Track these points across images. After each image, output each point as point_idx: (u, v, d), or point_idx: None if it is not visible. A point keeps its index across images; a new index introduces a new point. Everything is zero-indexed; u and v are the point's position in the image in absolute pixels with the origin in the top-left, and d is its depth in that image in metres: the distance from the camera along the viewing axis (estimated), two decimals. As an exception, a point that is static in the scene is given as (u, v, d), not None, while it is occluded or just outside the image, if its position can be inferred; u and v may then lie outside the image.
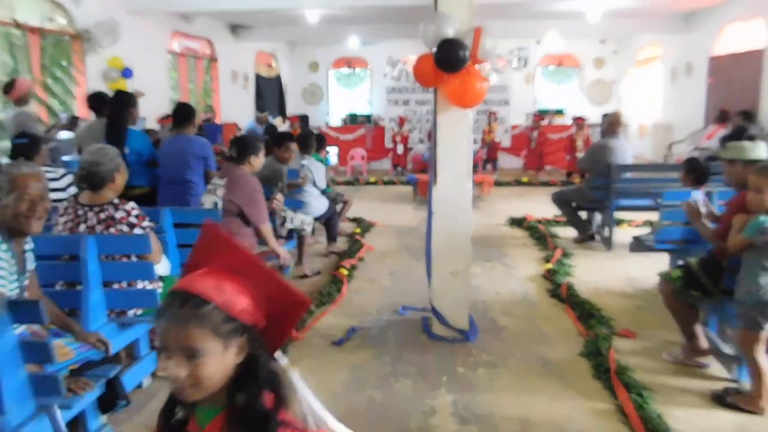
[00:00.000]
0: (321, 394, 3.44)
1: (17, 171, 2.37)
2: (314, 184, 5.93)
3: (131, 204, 3.17)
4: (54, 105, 7.75)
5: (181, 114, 5.08)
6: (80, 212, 3.12)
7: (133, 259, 3.17)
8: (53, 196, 4.05)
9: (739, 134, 3.50)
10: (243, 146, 4.25)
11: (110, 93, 8.26)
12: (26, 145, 4.21)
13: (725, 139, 3.56)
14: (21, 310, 2.20)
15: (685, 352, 3.65)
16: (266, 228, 4.24)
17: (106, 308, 3.05)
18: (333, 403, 3.21)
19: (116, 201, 3.14)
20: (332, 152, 9.89)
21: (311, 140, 6.24)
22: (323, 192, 6.10)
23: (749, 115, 8.70)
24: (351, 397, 3.30)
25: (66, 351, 2.52)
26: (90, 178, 3.07)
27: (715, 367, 3.57)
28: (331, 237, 6.30)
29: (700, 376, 3.50)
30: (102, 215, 3.09)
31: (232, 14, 11.72)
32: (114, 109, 5.01)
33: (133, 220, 3.11)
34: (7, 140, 6.39)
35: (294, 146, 5.68)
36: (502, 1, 8.06)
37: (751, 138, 3.40)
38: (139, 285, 3.16)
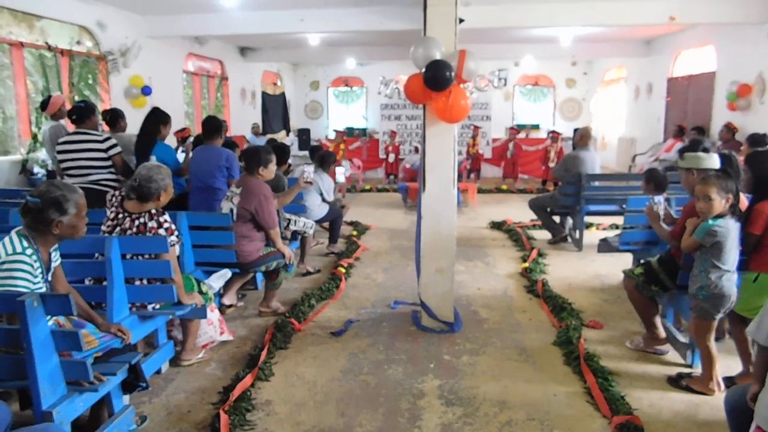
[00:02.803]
0: (322, 379, 3.48)
1: (81, 198, 2.48)
2: (321, 194, 5.97)
3: (165, 216, 3.16)
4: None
5: (210, 126, 4.95)
6: (120, 215, 3.14)
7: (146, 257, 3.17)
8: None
9: (695, 146, 3.54)
10: (248, 160, 4.22)
11: (131, 108, 8.32)
12: (82, 108, 4.78)
13: (683, 151, 3.59)
14: (53, 302, 2.21)
15: (646, 340, 3.69)
16: (275, 232, 4.22)
17: (128, 302, 3.05)
18: (332, 386, 3.24)
19: (153, 211, 3.14)
20: (339, 172, 9.81)
21: (329, 159, 6.29)
22: (324, 200, 6.11)
23: (702, 130, 8.79)
24: (348, 381, 3.32)
25: (91, 339, 2.53)
26: (140, 190, 3.09)
27: (671, 354, 3.62)
28: (333, 238, 6.31)
29: (659, 362, 3.54)
30: (137, 222, 3.11)
31: (241, 38, 11.73)
32: (148, 122, 5.02)
33: (162, 232, 3.11)
34: (43, 151, 6.40)
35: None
36: (484, 26, 8.10)
37: (705, 150, 3.44)
38: (158, 281, 3.16)
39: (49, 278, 2.52)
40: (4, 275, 2.28)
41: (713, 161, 3.40)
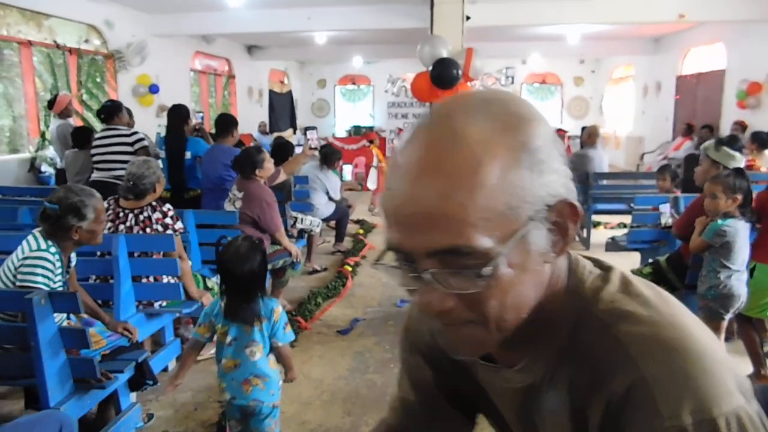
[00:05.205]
0: (328, 377, 3.46)
1: (98, 203, 2.47)
2: (327, 193, 5.95)
3: (168, 206, 3.19)
4: (89, 117, 7.77)
5: (221, 124, 4.94)
6: (121, 214, 3.14)
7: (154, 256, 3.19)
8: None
9: (733, 141, 3.51)
10: (242, 167, 4.16)
11: (139, 107, 8.35)
12: (110, 107, 4.96)
13: (721, 142, 3.55)
14: (60, 300, 2.22)
15: (654, 341, 3.66)
16: (281, 234, 4.18)
17: (135, 300, 3.06)
18: (338, 385, 3.24)
19: (154, 203, 3.16)
20: (347, 170, 9.71)
21: (334, 157, 6.21)
22: (330, 198, 6.10)
23: (711, 129, 8.72)
24: (354, 380, 3.32)
25: (98, 339, 2.54)
26: (135, 189, 3.10)
27: (680, 355, 3.59)
28: (340, 237, 6.31)
29: (667, 363, 3.52)
30: (141, 216, 3.12)
31: (248, 36, 11.76)
32: (172, 120, 5.05)
33: (168, 221, 3.13)
34: (51, 149, 6.45)
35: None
36: (491, 24, 8.07)
37: (740, 150, 3.41)
38: (165, 279, 3.18)
39: (67, 277, 2.54)
40: (26, 271, 2.30)
41: (741, 162, 3.38)
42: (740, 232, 2.92)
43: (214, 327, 2.24)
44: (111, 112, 4.92)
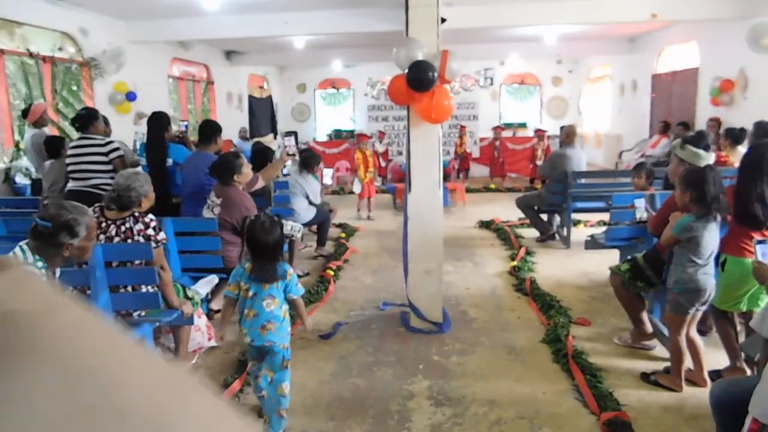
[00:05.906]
0: (311, 382, 3.44)
1: (91, 220, 2.48)
2: (307, 197, 5.93)
3: (150, 216, 3.14)
4: (65, 126, 7.66)
5: (203, 131, 4.88)
6: (103, 224, 3.10)
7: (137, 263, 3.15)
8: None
9: (699, 139, 3.56)
10: (220, 173, 4.15)
11: (116, 115, 8.25)
12: (84, 116, 4.85)
13: (686, 141, 3.60)
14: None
15: (633, 336, 3.71)
16: None
17: (113, 310, 3.02)
18: (322, 390, 3.23)
19: (137, 214, 3.12)
20: (327, 174, 9.62)
21: (313, 161, 6.20)
22: (310, 203, 6.09)
23: (687, 126, 8.86)
24: (337, 384, 3.31)
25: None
26: (119, 200, 3.06)
27: (659, 349, 3.64)
28: (321, 241, 6.29)
29: (646, 357, 3.56)
30: (123, 227, 3.08)
31: (226, 41, 11.68)
32: (153, 128, 5.00)
33: (150, 232, 3.09)
34: (26, 159, 6.34)
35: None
36: (468, 26, 8.11)
37: (707, 147, 3.46)
38: (143, 289, 3.14)
39: None
40: None
41: (709, 159, 3.43)
42: (708, 227, 2.96)
43: (240, 285, 2.75)
44: (86, 120, 4.83)
